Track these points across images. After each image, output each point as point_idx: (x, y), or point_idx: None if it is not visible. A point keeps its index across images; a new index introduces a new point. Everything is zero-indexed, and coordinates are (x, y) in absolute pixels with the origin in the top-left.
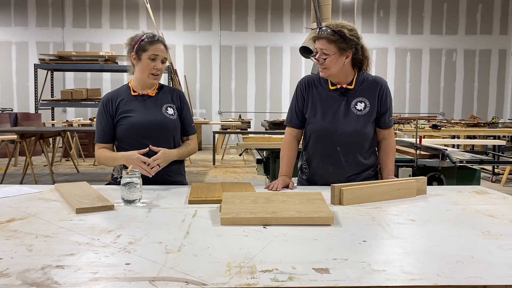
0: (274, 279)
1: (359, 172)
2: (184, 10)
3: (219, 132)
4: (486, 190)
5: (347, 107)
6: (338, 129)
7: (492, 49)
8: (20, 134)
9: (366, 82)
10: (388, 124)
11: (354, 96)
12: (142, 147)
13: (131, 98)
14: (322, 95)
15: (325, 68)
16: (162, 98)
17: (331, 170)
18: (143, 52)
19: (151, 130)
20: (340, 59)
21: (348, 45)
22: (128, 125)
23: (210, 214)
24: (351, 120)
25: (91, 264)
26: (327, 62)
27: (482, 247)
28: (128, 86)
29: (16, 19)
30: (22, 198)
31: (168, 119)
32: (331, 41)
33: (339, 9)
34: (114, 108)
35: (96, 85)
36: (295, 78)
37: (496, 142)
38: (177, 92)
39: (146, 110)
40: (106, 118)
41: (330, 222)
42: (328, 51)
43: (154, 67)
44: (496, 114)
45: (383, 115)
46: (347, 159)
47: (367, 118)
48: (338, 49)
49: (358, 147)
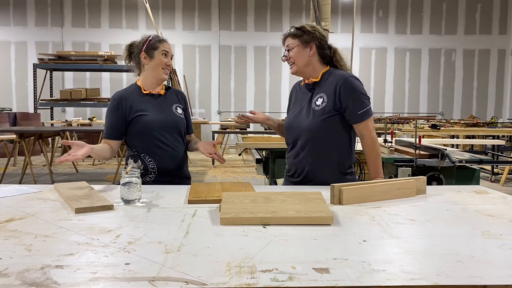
0: (274, 279)
1: (317, 167)
2: (183, 10)
3: (219, 131)
4: (485, 190)
5: (310, 103)
6: (297, 124)
7: (491, 49)
8: (19, 134)
9: (329, 78)
10: (356, 119)
11: (318, 92)
12: (153, 144)
13: (143, 97)
14: (298, 94)
15: (292, 63)
16: (171, 98)
17: (292, 162)
18: (154, 50)
19: (165, 129)
20: (304, 52)
21: (310, 37)
22: (144, 124)
23: (210, 214)
24: (308, 115)
25: (90, 264)
26: (292, 55)
27: (482, 246)
28: (137, 86)
29: (15, 19)
30: (21, 198)
31: (179, 118)
32: (294, 36)
33: (338, 9)
34: (128, 107)
35: (95, 84)
36: (294, 78)
37: (495, 142)
38: (180, 93)
39: (159, 109)
40: (118, 116)
41: (329, 222)
42: (292, 45)
43: (166, 63)
44: (495, 114)
45: (346, 111)
46: (304, 153)
47: (323, 113)
48: (301, 42)
49: (314, 142)
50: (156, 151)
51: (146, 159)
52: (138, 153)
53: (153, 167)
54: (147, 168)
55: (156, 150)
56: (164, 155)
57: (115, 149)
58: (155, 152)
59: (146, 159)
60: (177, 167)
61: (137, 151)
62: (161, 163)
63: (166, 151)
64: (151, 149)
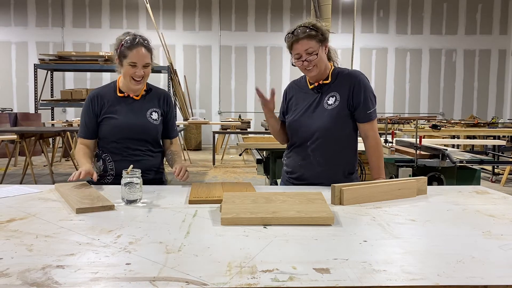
0: (274, 279)
1: (328, 168)
2: (184, 10)
3: (219, 132)
4: (486, 190)
5: (319, 102)
6: (307, 124)
7: (491, 49)
8: (20, 134)
9: (341, 76)
10: (363, 118)
11: (328, 91)
12: (123, 147)
13: (117, 99)
14: (299, 94)
15: (314, 65)
16: (148, 102)
17: (299, 164)
18: (123, 58)
19: (133, 133)
20: (323, 53)
21: (324, 35)
22: (111, 126)
23: (211, 214)
24: (320, 115)
25: (91, 264)
26: (314, 58)
27: (483, 247)
28: (115, 85)
29: (15, 19)
30: (22, 198)
31: (151, 124)
32: (311, 37)
33: (338, 9)
34: (99, 107)
35: (96, 85)
36: (295, 78)
37: (496, 142)
38: (164, 96)
39: (130, 113)
40: (90, 115)
41: (330, 222)
42: (313, 48)
43: (134, 73)
44: (496, 114)
45: (357, 109)
46: (314, 154)
47: (336, 112)
48: (319, 42)
49: (326, 142)
50: (117, 154)
51: (107, 159)
52: (101, 153)
53: (112, 168)
54: (106, 169)
55: (118, 153)
56: (125, 159)
57: (91, 148)
58: (117, 154)
59: (107, 159)
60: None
61: (102, 150)
62: (120, 166)
63: (127, 156)
64: (113, 151)
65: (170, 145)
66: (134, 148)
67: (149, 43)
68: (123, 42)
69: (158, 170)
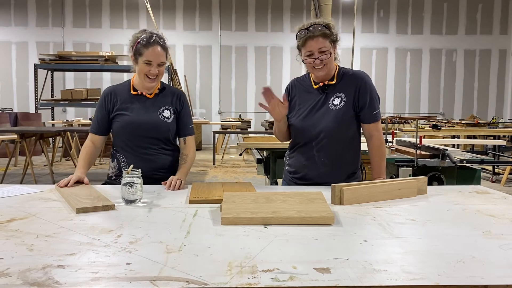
0: (275, 279)
1: (332, 168)
2: (184, 10)
3: (219, 132)
4: (486, 190)
5: (325, 103)
6: (312, 125)
7: (492, 49)
8: (20, 134)
9: (346, 77)
10: (369, 119)
11: (334, 92)
12: (134, 145)
13: (130, 96)
14: (302, 93)
15: (324, 65)
16: (161, 100)
17: (304, 164)
18: (139, 56)
19: (143, 130)
20: (334, 53)
21: (335, 35)
22: (122, 123)
23: (211, 214)
24: (325, 116)
25: (92, 264)
26: (326, 57)
27: (483, 246)
28: (129, 83)
29: (16, 19)
30: (22, 198)
31: (162, 122)
32: (326, 36)
33: (339, 9)
34: (112, 104)
35: (96, 85)
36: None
37: (496, 142)
38: (178, 94)
39: (142, 110)
40: (103, 111)
41: (330, 222)
42: (327, 47)
43: (149, 71)
44: (496, 114)
45: (362, 110)
46: (319, 154)
47: (342, 113)
48: (331, 42)
49: (331, 142)
50: (129, 152)
51: (121, 159)
52: (115, 152)
53: (126, 167)
54: (120, 169)
55: (130, 151)
56: (138, 157)
57: (98, 146)
58: (129, 153)
59: (121, 159)
60: (150, 170)
61: (116, 150)
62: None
63: (139, 154)
64: (126, 150)
65: (184, 146)
66: (145, 146)
67: (165, 42)
68: (139, 40)
69: (171, 168)
